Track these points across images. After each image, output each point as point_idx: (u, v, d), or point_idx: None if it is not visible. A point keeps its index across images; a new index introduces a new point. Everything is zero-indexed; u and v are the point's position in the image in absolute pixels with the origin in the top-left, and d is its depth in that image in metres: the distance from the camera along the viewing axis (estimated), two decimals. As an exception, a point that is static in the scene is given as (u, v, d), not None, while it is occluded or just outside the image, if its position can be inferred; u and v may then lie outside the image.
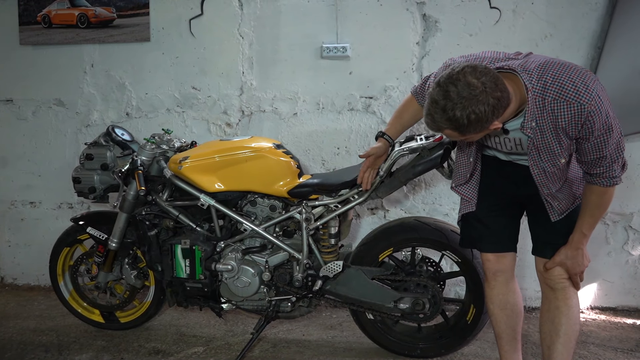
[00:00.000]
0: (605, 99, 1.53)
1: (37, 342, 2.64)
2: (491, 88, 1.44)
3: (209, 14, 3.03)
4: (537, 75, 1.54)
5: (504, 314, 2.01)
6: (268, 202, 2.33)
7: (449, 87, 1.44)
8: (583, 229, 1.76)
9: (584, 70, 1.54)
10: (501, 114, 1.50)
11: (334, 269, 2.25)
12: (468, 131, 1.50)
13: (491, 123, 1.49)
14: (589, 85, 1.50)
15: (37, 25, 3.18)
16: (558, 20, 2.74)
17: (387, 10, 2.86)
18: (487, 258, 2.00)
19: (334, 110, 2.98)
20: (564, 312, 1.84)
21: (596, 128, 1.53)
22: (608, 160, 1.61)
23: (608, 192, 1.69)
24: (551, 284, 1.87)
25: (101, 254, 2.52)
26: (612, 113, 1.55)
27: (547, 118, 1.56)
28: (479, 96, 1.42)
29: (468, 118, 1.44)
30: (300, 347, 2.54)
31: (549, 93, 1.53)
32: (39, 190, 3.36)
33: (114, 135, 2.50)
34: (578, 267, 1.81)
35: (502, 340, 2.05)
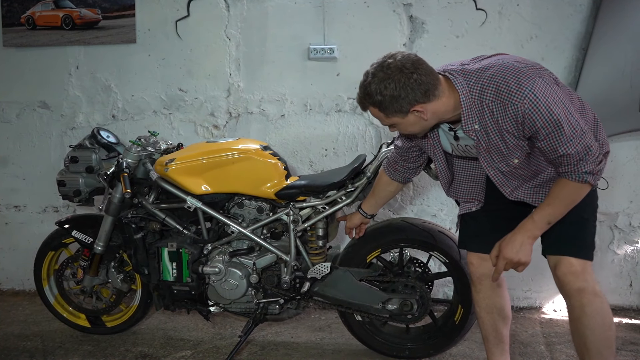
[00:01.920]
0: (547, 95, 1.49)
1: (22, 347, 2.60)
2: (408, 69, 1.51)
3: (195, 16, 3.01)
4: (475, 77, 1.57)
5: (491, 317, 2.00)
6: (255, 204, 2.32)
7: (373, 68, 1.57)
8: (535, 215, 1.66)
9: (524, 69, 1.53)
10: (422, 98, 1.53)
11: (321, 271, 2.25)
12: (387, 110, 1.57)
13: (411, 105, 1.54)
14: (522, 84, 1.49)
15: (20, 26, 3.15)
16: (543, 22, 2.76)
17: (374, 11, 2.86)
18: (470, 261, 1.97)
19: (321, 111, 2.98)
20: (585, 323, 1.68)
21: (540, 126, 1.51)
22: (573, 158, 1.54)
23: (575, 187, 1.59)
24: (563, 289, 1.73)
25: (87, 258, 2.50)
26: (560, 110, 1.50)
27: (488, 119, 1.57)
28: (393, 74, 1.52)
29: (381, 93, 1.53)
30: (289, 350, 2.53)
31: (485, 95, 1.55)
32: (23, 194, 3.32)
33: (99, 137, 2.47)
34: (509, 252, 1.67)
35: (489, 343, 2.04)
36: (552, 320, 2.83)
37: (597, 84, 2.66)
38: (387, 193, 2.18)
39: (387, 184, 2.12)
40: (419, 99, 1.54)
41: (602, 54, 2.66)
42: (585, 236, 1.74)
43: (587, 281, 1.68)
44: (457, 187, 1.97)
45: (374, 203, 2.21)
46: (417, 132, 1.71)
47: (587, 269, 1.70)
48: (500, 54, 1.70)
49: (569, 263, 1.70)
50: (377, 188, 2.17)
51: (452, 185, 1.97)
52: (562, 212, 1.64)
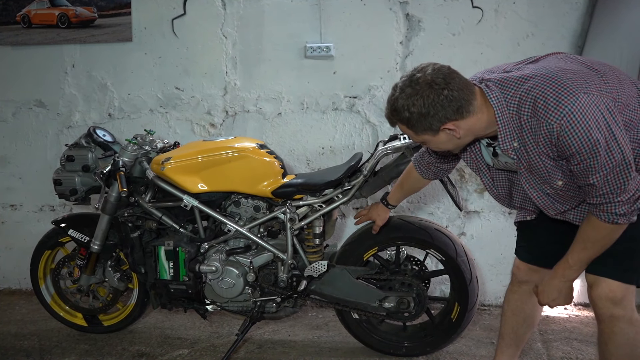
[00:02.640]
0: (588, 116, 1.31)
1: (18, 347, 2.60)
2: (439, 85, 1.39)
3: (191, 14, 3.00)
4: (514, 88, 1.42)
5: (516, 319, 1.93)
6: (252, 202, 2.32)
7: (402, 81, 1.46)
8: (570, 259, 1.52)
9: (568, 81, 1.35)
10: (454, 116, 1.41)
11: (318, 269, 2.25)
12: (417, 128, 1.45)
13: (441, 122, 1.42)
14: (561, 100, 1.33)
15: (16, 25, 3.13)
16: (539, 19, 2.76)
17: (371, 9, 2.86)
18: (517, 265, 1.89)
19: (318, 110, 2.98)
20: (612, 351, 1.57)
21: (575, 151, 1.34)
22: (602, 190, 1.37)
23: (607, 229, 1.43)
24: (596, 312, 1.59)
25: (83, 257, 2.49)
26: (602, 133, 1.31)
27: (528, 137, 1.42)
28: (422, 90, 1.40)
29: (409, 110, 1.42)
30: (286, 348, 2.53)
31: (523, 110, 1.40)
32: (19, 193, 3.31)
33: (96, 136, 2.47)
34: (546, 298, 1.61)
35: (503, 342, 1.98)
36: (548, 318, 2.84)
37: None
38: (415, 189, 2.13)
39: (418, 180, 2.03)
40: (450, 116, 1.40)
41: (598, 51, 2.66)
42: (633, 258, 1.54)
43: (625, 308, 1.53)
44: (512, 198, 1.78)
45: (400, 197, 2.16)
46: (451, 149, 1.58)
47: (627, 294, 1.54)
48: (552, 55, 1.55)
49: (607, 287, 1.53)
50: (405, 183, 2.09)
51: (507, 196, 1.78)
52: (598, 253, 1.49)
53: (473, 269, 2.26)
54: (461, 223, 2.98)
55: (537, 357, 2.40)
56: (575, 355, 2.40)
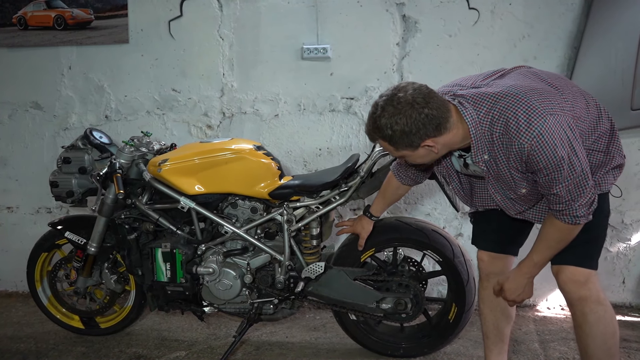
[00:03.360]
0: (554, 136, 1.44)
1: (15, 349, 2.59)
2: (420, 104, 1.46)
3: (188, 16, 3.00)
4: (487, 106, 1.52)
5: (494, 315, 2.00)
6: (249, 204, 2.32)
7: (383, 100, 1.51)
8: (534, 256, 1.67)
9: (536, 105, 1.47)
10: (433, 133, 1.49)
11: (316, 270, 2.25)
12: (398, 145, 1.52)
13: (422, 140, 1.50)
14: (532, 122, 1.44)
15: (12, 27, 3.13)
16: (535, 20, 2.77)
17: (367, 11, 2.87)
18: (481, 257, 1.99)
19: (315, 111, 2.98)
20: (587, 332, 1.68)
21: (542, 166, 1.48)
22: (564, 198, 1.52)
23: (569, 229, 1.59)
24: (565, 296, 1.73)
25: (80, 259, 2.49)
26: (565, 150, 1.45)
27: (499, 151, 1.54)
28: (404, 109, 1.46)
29: (392, 128, 1.48)
30: (284, 349, 2.53)
31: (495, 128, 1.51)
32: (16, 195, 3.30)
33: (92, 138, 2.46)
34: (512, 294, 1.73)
35: (489, 341, 2.04)
36: (545, 318, 2.85)
37: (589, 82, 2.67)
38: (397, 196, 2.17)
39: (397, 187, 2.09)
40: (430, 133, 1.49)
41: (594, 52, 2.67)
42: (591, 246, 1.70)
43: (590, 290, 1.67)
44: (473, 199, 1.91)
45: (383, 207, 2.20)
46: (427, 162, 1.67)
47: (591, 277, 1.68)
48: (516, 69, 1.66)
49: (570, 272, 1.69)
50: (386, 192, 2.14)
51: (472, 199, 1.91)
52: (560, 249, 1.65)
53: (470, 270, 2.26)
54: (458, 224, 2.98)
55: (535, 357, 2.40)
56: (572, 356, 2.40)
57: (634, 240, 2.90)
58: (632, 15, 2.62)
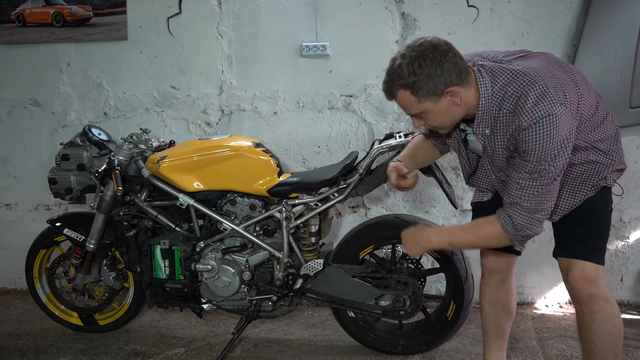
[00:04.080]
0: (556, 127, 1.41)
1: (13, 346, 2.59)
2: (443, 48, 1.44)
3: (187, 13, 3.00)
4: (504, 81, 1.49)
5: (494, 311, 1.99)
6: (248, 201, 2.32)
7: (404, 50, 1.49)
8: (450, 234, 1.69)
9: (550, 91, 1.43)
10: (457, 80, 1.44)
11: (314, 268, 2.25)
12: (421, 92, 1.45)
13: (446, 85, 1.44)
14: (539, 104, 1.41)
15: (10, 23, 3.12)
16: (534, 18, 2.77)
17: (366, 8, 2.86)
18: (484, 254, 1.97)
19: (314, 108, 2.98)
20: (595, 331, 1.64)
21: (529, 148, 1.43)
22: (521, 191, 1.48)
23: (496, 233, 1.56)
24: (574, 294, 1.68)
25: (79, 256, 2.49)
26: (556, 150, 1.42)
27: (501, 129, 1.51)
28: (427, 52, 1.43)
29: (415, 72, 1.43)
30: (282, 347, 2.53)
31: (505, 104, 1.48)
32: (14, 192, 3.30)
33: (91, 135, 2.46)
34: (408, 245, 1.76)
35: (488, 337, 2.03)
36: (544, 316, 2.85)
37: (588, 81, 2.67)
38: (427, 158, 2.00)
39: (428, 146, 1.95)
40: (454, 80, 1.44)
41: (593, 50, 2.67)
42: (599, 239, 1.68)
43: (599, 287, 1.63)
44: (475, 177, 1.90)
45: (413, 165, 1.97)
46: (446, 124, 1.59)
47: (599, 274, 1.65)
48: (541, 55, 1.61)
49: (581, 268, 1.64)
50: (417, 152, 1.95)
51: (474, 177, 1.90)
52: (467, 243, 1.68)
53: (469, 267, 2.27)
54: (457, 221, 2.98)
55: (533, 354, 2.41)
56: (570, 353, 2.41)
57: (632, 238, 2.91)
58: (631, 13, 2.62)
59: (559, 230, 1.74)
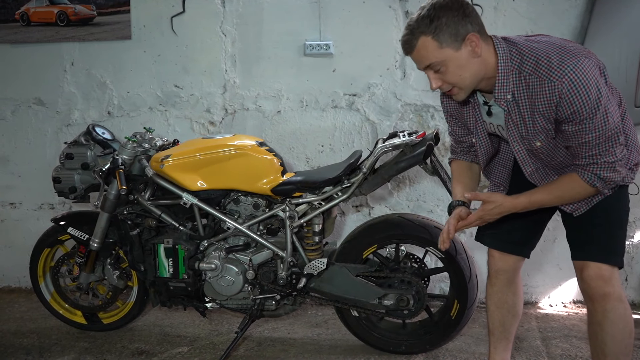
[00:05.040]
0: (589, 77, 1.39)
1: (18, 344, 2.60)
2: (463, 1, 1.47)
3: (190, 12, 3.00)
4: (517, 46, 1.50)
5: (500, 312, 1.97)
6: (251, 200, 2.32)
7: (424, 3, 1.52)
8: (531, 198, 1.59)
9: (570, 47, 1.45)
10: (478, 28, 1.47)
11: (318, 267, 2.25)
12: (443, 36, 1.46)
13: (467, 31, 1.46)
14: (564, 61, 1.41)
15: (15, 23, 3.13)
16: (539, 17, 2.76)
17: (370, 7, 2.86)
18: (491, 254, 1.94)
19: (317, 107, 2.98)
20: (607, 330, 1.62)
21: (575, 110, 1.42)
22: (592, 150, 1.47)
23: (582, 187, 1.53)
24: (588, 292, 1.65)
25: (83, 255, 2.49)
26: (600, 95, 1.41)
27: (523, 93, 1.50)
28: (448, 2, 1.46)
29: (438, 15, 1.45)
30: (286, 346, 2.53)
31: (524, 66, 1.47)
32: (19, 191, 3.31)
33: (95, 134, 2.47)
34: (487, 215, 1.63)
35: (494, 337, 2.01)
36: (548, 315, 2.84)
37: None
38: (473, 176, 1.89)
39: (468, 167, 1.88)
40: (475, 27, 1.47)
41: (598, 49, 2.65)
42: (615, 240, 1.66)
43: (614, 286, 1.62)
44: (490, 170, 1.89)
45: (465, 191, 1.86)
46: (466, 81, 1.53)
47: (614, 274, 1.63)
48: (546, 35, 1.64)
49: (596, 268, 1.62)
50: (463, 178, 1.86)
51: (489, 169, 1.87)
52: (554, 203, 1.61)
53: (472, 267, 2.26)
54: (461, 221, 2.97)
55: (537, 354, 2.40)
56: (574, 353, 2.40)
57: (637, 238, 2.89)
58: (637, 12, 2.60)
59: (574, 232, 1.72)
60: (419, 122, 2.90)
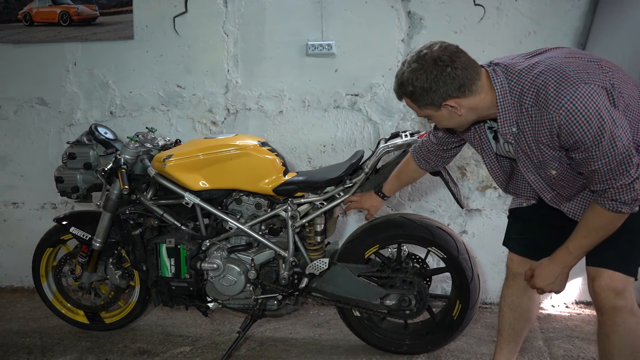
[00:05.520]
0: (587, 105, 1.34)
1: (20, 344, 2.60)
2: (443, 62, 1.45)
3: (193, 12, 3.00)
4: (517, 76, 1.47)
5: (512, 315, 1.94)
6: (253, 200, 2.32)
7: (410, 57, 1.53)
8: (570, 245, 1.55)
9: (570, 73, 1.39)
10: (456, 93, 1.47)
11: (320, 267, 2.25)
12: (420, 102, 1.52)
13: (443, 99, 1.48)
14: (561, 90, 1.37)
15: (18, 23, 3.14)
16: (541, 17, 2.76)
17: (372, 7, 2.86)
18: (511, 257, 1.92)
19: (319, 107, 2.98)
20: (615, 343, 1.57)
21: (577, 140, 1.37)
22: (605, 176, 1.40)
23: (609, 217, 1.46)
24: (597, 303, 1.59)
25: (85, 254, 2.50)
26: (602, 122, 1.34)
27: (528, 124, 1.48)
28: (426, 65, 1.46)
29: (413, 84, 1.49)
30: (287, 345, 2.53)
31: (525, 99, 1.45)
32: (21, 191, 3.31)
33: (97, 133, 2.47)
34: (542, 282, 1.62)
35: (502, 338, 1.99)
36: (550, 316, 2.84)
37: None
38: (411, 179, 2.18)
39: (415, 171, 2.09)
40: (452, 93, 1.47)
41: (600, 49, 2.65)
42: (632, 249, 1.57)
43: (627, 299, 1.55)
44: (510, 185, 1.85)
45: (396, 187, 2.21)
46: (454, 127, 1.64)
47: (628, 286, 1.56)
48: (559, 48, 1.59)
49: (609, 278, 1.55)
50: (402, 174, 2.14)
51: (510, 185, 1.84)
52: (598, 241, 1.52)
53: (474, 267, 2.26)
54: (462, 221, 2.98)
55: (539, 355, 2.39)
56: (576, 353, 2.40)
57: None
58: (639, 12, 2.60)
59: None
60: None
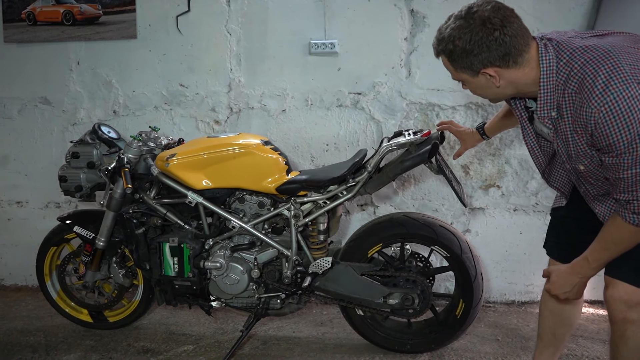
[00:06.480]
0: (633, 107, 1.21)
1: (25, 342, 2.61)
2: (493, 25, 1.31)
3: (196, 11, 3.00)
4: (570, 56, 1.32)
5: (553, 319, 1.89)
6: (256, 199, 2.32)
7: (458, 12, 1.40)
8: (589, 257, 1.48)
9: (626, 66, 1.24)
10: (498, 62, 1.34)
11: (323, 265, 2.25)
12: (457, 63, 1.39)
13: (483, 65, 1.35)
14: (610, 84, 1.23)
15: (21, 22, 3.14)
16: (545, 15, 2.75)
17: (375, 6, 2.85)
18: (552, 262, 1.86)
19: (322, 106, 2.98)
20: (623, 354, 1.54)
21: (611, 142, 1.26)
22: (633, 186, 1.30)
23: (630, 231, 1.37)
24: (609, 312, 1.56)
25: (88, 253, 2.50)
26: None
27: (568, 110, 1.34)
28: (473, 25, 1.33)
29: (454, 42, 1.36)
30: (291, 344, 2.53)
31: (570, 83, 1.31)
32: (25, 190, 3.32)
33: (100, 133, 2.47)
34: (557, 289, 1.57)
35: (541, 343, 1.95)
36: (553, 315, 2.83)
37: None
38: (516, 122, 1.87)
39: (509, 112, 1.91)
40: (494, 61, 1.34)
41: (604, 47, 2.64)
42: None
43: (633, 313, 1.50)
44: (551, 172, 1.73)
45: (497, 129, 2.01)
46: (489, 98, 1.50)
47: None
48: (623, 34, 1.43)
49: (623, 290, 1.50)
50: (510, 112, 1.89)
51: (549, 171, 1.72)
52: (617, 254, 1.46)
53: (478, 266, 2.26)
54: (466, 220, 2.97)
55: (542, 354, 2.39)
56: (580, 353, 2.39)
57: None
58: (644, 9, 2.59)
59: None
60: (424, 120, 2.90)
